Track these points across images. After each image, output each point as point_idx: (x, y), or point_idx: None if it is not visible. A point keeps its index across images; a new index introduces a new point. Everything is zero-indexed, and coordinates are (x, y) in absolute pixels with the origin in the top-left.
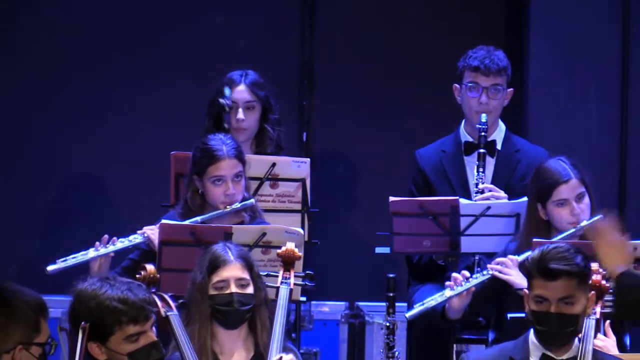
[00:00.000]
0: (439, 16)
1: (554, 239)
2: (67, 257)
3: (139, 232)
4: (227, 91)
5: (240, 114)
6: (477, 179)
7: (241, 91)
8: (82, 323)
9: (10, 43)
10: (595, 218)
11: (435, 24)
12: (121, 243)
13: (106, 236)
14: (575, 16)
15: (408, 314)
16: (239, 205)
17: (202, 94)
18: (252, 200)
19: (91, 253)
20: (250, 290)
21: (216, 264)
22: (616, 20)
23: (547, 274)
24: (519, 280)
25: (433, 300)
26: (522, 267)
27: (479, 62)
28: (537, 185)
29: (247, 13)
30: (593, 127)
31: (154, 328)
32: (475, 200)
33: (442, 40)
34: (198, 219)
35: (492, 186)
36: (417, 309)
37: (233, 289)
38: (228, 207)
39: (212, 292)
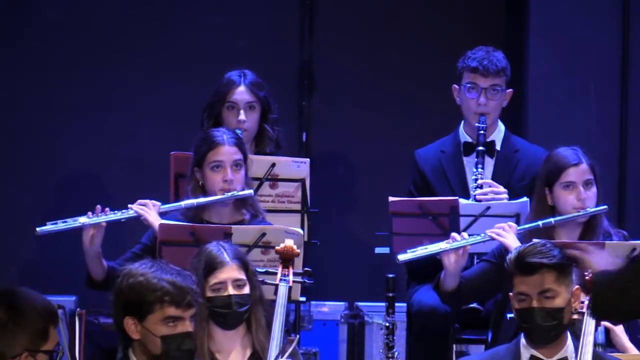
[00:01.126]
0: (439, 16)
1: (556, 218)
2: (58, 221)
3: (130, 205)
4: None
5: (242, 115)
6: (475, 175)
7: (241, 92)
8: (78, 310)
9: (10, 43)
10: (601, 208)
11: (435, 24)
12: (113, 215)
13: (99, 206)
14: (575, 16)
15: (401, 257)
16: (237, 193)
17: (202, 94)
18: (251, 191)
19: (82, 219)
20: (247, 290)
21: (213, 266)
22: (616, 20)
23: (525, 268)
24: (515, 244)
25: (429, 249)
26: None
27: (478, 63)
28: (547, 168)
29: (247, 13)
30: (593, 127)
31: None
32: (475, 195)
33: (442, 40)
34: (194, 201)
35: (491, 181)
36: (412, 253)
37: (231, 290)
38: (227, 193)
39: (209, 294)
